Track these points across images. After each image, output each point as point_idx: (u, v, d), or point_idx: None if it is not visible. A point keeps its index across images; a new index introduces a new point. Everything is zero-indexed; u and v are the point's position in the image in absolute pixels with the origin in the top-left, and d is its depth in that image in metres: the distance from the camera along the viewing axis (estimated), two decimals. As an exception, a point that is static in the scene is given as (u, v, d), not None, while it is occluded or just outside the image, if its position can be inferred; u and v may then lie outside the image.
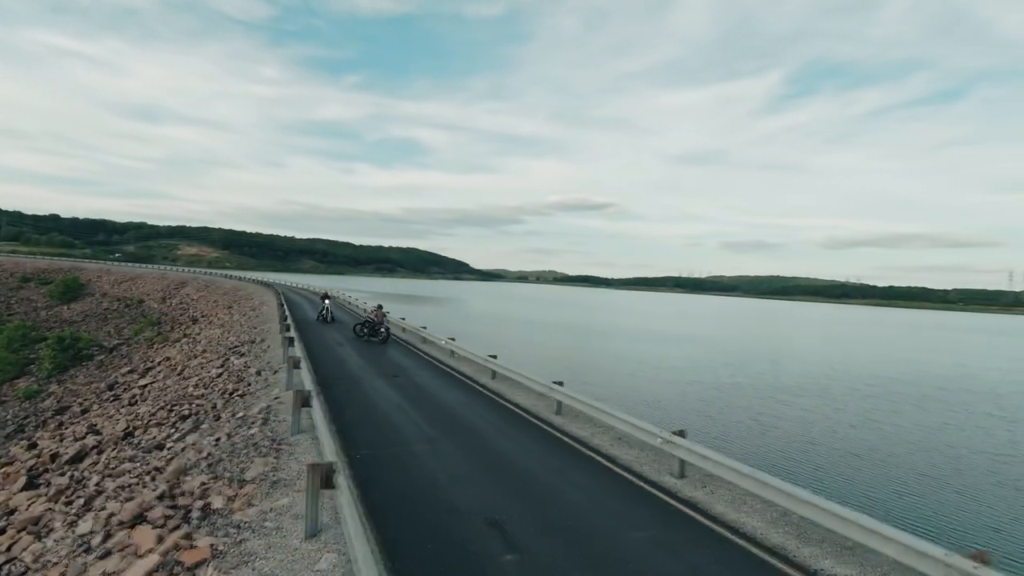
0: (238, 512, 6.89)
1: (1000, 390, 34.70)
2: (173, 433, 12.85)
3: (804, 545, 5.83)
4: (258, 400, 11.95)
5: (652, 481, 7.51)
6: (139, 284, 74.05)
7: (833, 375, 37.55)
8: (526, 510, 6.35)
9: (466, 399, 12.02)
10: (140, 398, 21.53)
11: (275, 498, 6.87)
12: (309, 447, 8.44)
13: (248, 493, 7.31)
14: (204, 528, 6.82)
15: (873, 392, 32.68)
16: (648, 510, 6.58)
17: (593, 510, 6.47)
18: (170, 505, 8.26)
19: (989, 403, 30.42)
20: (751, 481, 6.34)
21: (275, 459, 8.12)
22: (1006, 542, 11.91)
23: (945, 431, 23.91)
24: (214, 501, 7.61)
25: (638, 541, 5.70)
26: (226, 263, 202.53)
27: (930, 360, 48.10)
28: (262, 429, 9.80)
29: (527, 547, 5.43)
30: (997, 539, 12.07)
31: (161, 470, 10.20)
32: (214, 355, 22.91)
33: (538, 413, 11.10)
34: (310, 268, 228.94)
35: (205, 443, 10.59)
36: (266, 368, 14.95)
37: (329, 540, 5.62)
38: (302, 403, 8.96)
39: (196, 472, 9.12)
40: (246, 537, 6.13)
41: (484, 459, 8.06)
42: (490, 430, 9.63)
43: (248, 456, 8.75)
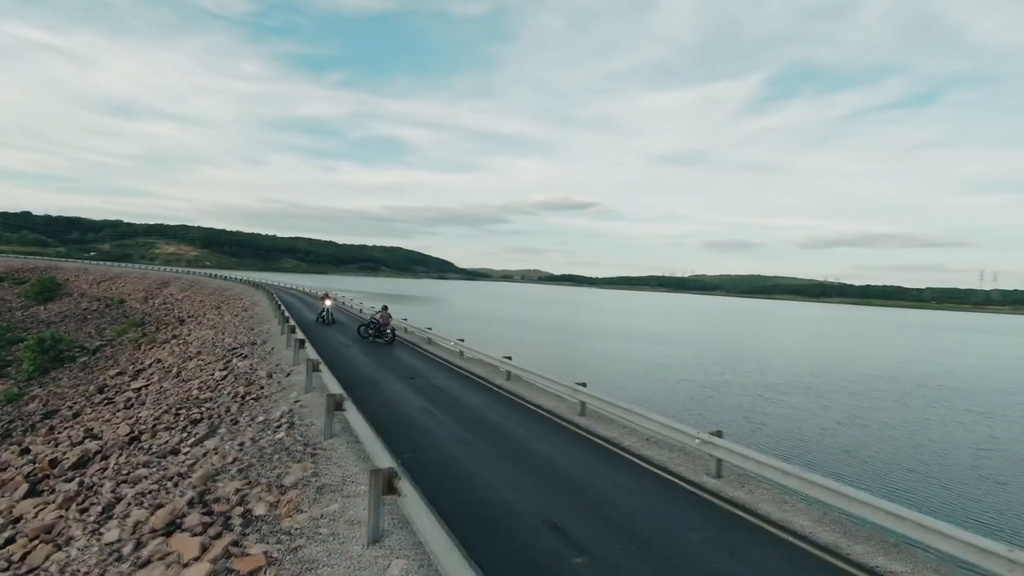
0: (286, 519, 6.83)
1: (976, 387, 35.82)
2: (187, 438, 12.65)
3: (854, 543, 6.00)
4: (276, 404, 11.81)
5: (692, 481, 7.64)
6: (119, 284, 72.39)
7: (817, 373, 38.35)
8: (579, 512, 6.41)
9: (487, 401, 12.05)
10: (137, 401, 21.10)
11: (324, 504, 6.83)
12: (346, 451, 8.40)
13: (292, 499, 7.25)
14: (252, 535, 6.75)
15: (857, 390, 33.49)
16: (697, 510, 6.70)
17: (644, 511, 6.57)
18: (205, 512, 8.14)
19: (966, 399, 31.41)
20: (797, 480, 6.50)
21: (313, 464, 8.05)
22: (995, 536, 12.35)
23: (928, 427, 24.64)
24: (255, 507, 7.53)
25: (697, 542, 5.81)
26: (206, 262, 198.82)
27: (907, 358, 49.39)
28: (289, 433, 9.71)
29: (593, 549, 5.50)
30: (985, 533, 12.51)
31: (185, 476, 10.05)
32: (212, 357, 22.55)
33: (561, 414, 11.19)
34: (292, 267, 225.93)
35: (228, 448, 10.45)
36: (276, 371, 14.77)
37: (394, 545, 5.62)
38: (335, 407, 8.89)
39: (226, 478, 9.01)
40: (301, 544, 6.09)
41: (523, 461, 8.11)
42: (520, 432, 9.68)
43: (281, 461, 8.67)
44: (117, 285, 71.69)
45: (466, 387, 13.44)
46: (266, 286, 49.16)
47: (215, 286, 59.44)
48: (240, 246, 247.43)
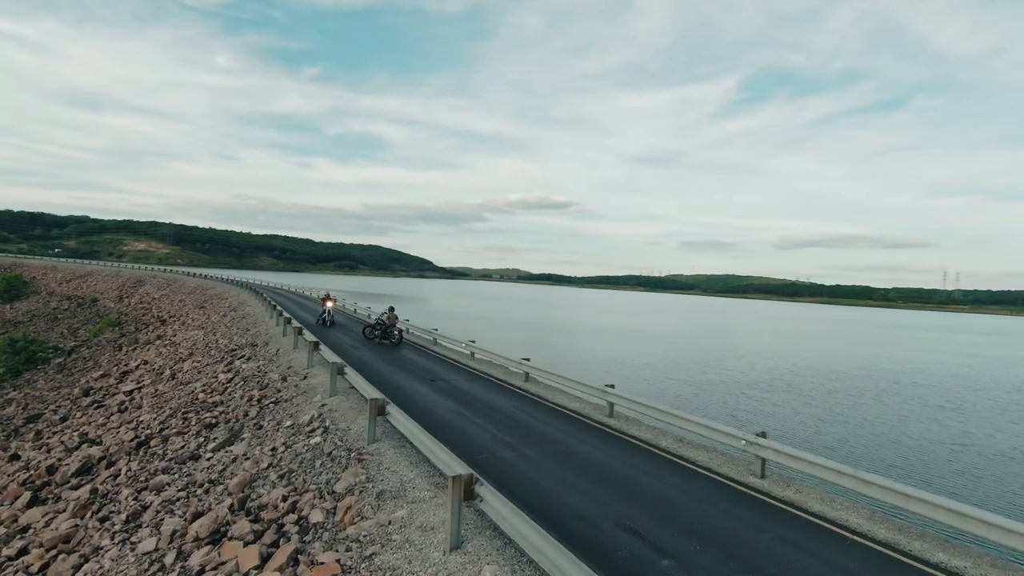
0: (350, 526, 6.79)
1: (946, 384, 37.30)
2: (204, 443, 12.41)
3: (911, 539, 6.27)
4: (301, 408, 11.66)
5: (740, 482, 7.85)
6: (90, 282, 70.07)
7: (796, 371, 39.39)
8: (645, 514, 6.54)
9: (515, 403, 12.12)
10: (132, 405, 20.52)
11: (388, 510, 6.80)
12: (395, 456, 8.36)
13: (350, 505, 7.20)
14: (315, 543, 6.70)
15: (835, 387, 34.55)
16: (756, 510, 6.90)
17: (706, 512, 6.74)
18: (253, 519, 8.04)
19: (938, 396, 32.70)
20: (852, 480, 6.75)
21: (363, 469, 8.00)
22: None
23: (905, 423, 25.59)
24: (311, 515, 7.47)
25: (769, 541, 6.00)
26: (177, 260, 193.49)
27: (880, 356, 51.03)
28: (326, 438, 9.61)
29: (674, 551, 5.63)
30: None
31: (217, 482, 9.87)
32: (209, 359, 22.06)
33: (589, 415, 11.32)
34: (267, 265, 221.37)
35: (258, 453, 10.29)
36: (290, 374, 14.56)
37: (477, 551, 5.65)
38: (378, 412, 8.85)
39: (266, 484, 8.89)
40: (375, 552, 6.07)
41: (573, 464, 8.21)
42: (558, 434, 9.78)
43: (326, 467, 8.59)
44: (88, 283, 69.37)
45: (488, 389, 13.48)
46: (251, 285, 48.15)
47: (194, 285, 58.00)
48: (213, 243, 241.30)
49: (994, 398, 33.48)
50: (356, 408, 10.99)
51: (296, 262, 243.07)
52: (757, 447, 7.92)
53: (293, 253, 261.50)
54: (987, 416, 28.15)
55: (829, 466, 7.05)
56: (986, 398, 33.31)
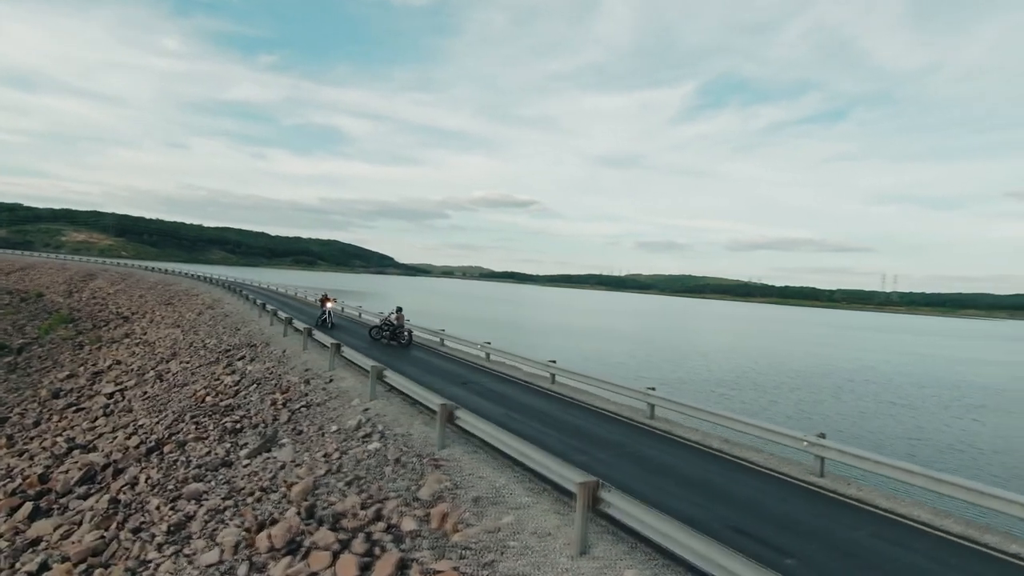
0: (455, 534, 6.79)
1: (895, 381, 39.76)
2: (233, 448, 12.00)
3: (982, 533, 6.83)
4: (342, 412, 11.45)
5: (806, 481, 8.30)
6: (33, 275, 65.72)
7: (759, 370, 41.07)
8: (742, 515, 6.84)
9: (554, 405, 12.28)
10: (119, 408, 19.51)
11: (493, 516, 6.85)
12: (474, 461, 8.38)
13: (445, 512, 7.19)
14: (420, 551, 6.68)
15: (797, 385, 36.31)
16: (835, 509, 7.33)
17: (795, 510, 7.13)
18: (333, 528, 7.89)
19: (890, 393, 34.84)
20: (922, 478, 7.28)
21: (446, 475, 7.98)
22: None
23: (864, 419, 27.23)
24: (402, 523, 7.42)
25: (867, 539, 6.41)
26: (121, 252, 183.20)
27: (833, 355, 53.80)
28: (386, 444, 9.51)
29: (790, 550, 5.94)
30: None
31: (268, 490, 9.60)
32: (200, 360, 21.19)
33: (631, 417, 11.63)
34: (220, 259, 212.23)
35: (308, 460, 10.06)
36: (313, 377, 14.22)
37: (607, 556, 5.79)
38: (448, 417, 8.84)
39: (334, 492, 8.72)
40: (494, 559, 6.13)
41: (648, 468, 8.45)
42: (616, 437, 10.02)
43: (398, 473, 8.51)
44: (31, 276, 65.02)
45: (521, 391, 13.59)
46: (222, 282, 46.27)
47: (154, 279, 55.31)
48: (161, 235, 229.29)
49: (937, 394, 35.82)
50: (405, 412, 10.90)
51: (251, 256, 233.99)
52: (820, 448, 8.39)
53: (248, 247, 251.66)
54: (934, 411, 30.13)
55: (898, 465, 7.57)
56: (930, 395, 35.63)
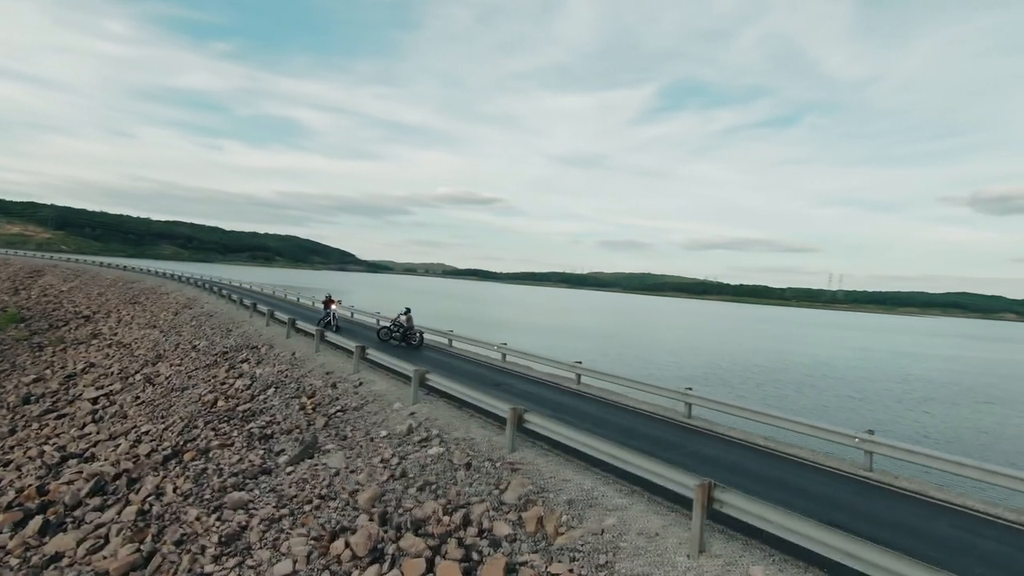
0: (559, 536, 6.90)
1: (849, 376, 41.82)
2: (268, 455, 11.68)
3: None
4: (386, 417, 11.31)
5: (861, 475, 8.80)
6: (-29, 271, 61.20)
7: (724, 366, 42.37)
8: (825, 508, 7.18)
9: (593, 406, 12.50)
10: (110, 414, 18.56)
11: (594, 519, 6.99)
12: (552, 463, 8.49)
13: (541, 516, 7.28)
14: (525, 555, 6.77)
15: (762, 380, 37.79)
16: (898, 501, 7.82)
17: (873, 505, 7.57)
18: (416, 533, 7.86)
19: (845, 387, 36.63)
20: (975, 471, 7.89)
21: (528, 479, 8.07)
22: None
23: (827, 413, 28.64)
24: (495, 527, 7.48)
25: (947, 529, 6.92)
26: (62, 245, 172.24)
27: (790, 351, 56.11)
28: (448, 448, 9.49)
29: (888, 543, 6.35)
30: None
31: (328, 497, 9.43)
32: (193, 363, 20.36)
33: (671, 417, 12.00)
34: (171, 254, 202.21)
35: (364, 466, 9.93)
36: (339, 380, 13.93)
37: (727, 553, 6.03)
38: (518, 421, 8.92)
39: (406, 498, 8.65)
40: (609, 560, 6.28)
41: (715, 465, 8.77)
42: (670, 436, 10.33)
43: (472, 477, 8.52)
44: (-31, 273, 60.53)
45: (554, 392, 13.76)
46: (193, 280, 44.32)
47: (112, 276, 52.52)
48: (105, 228, 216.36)
49: (889, 388, 37.83)
50: (457, 416, 10.88)
51: (204, 252, 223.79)
52: (870, 443, 8.95)
53: (200, 242, 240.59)
54: (888, 405, 31.83)
55: (948, 458, 8.17)
56: (883, 389, 37.64)
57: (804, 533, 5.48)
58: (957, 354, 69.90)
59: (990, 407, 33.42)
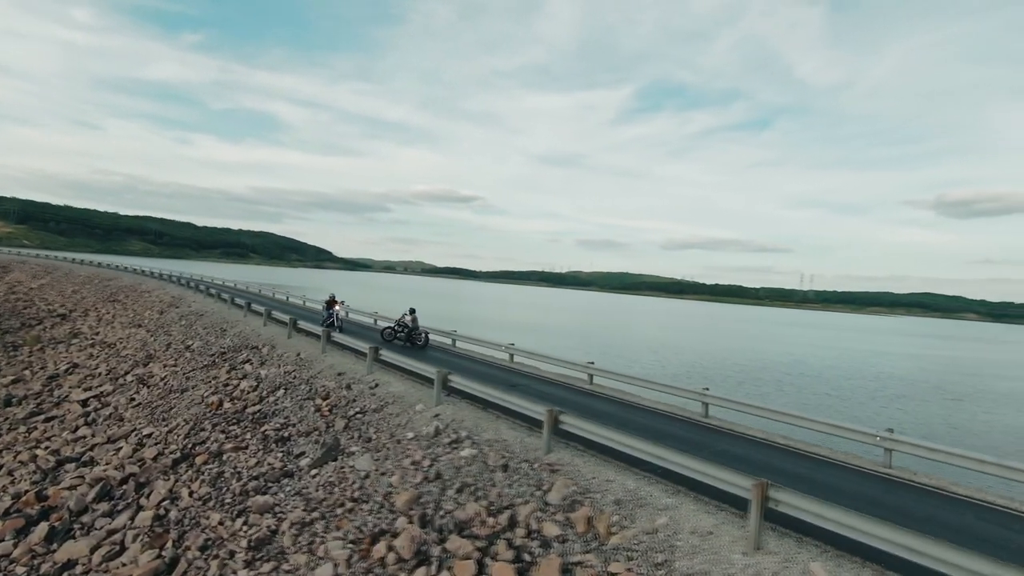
0: (612, 536, 7.02)
1: (825, 374, 42.93)
2: (287, 457, 11.55)
3: (1050, 512, 7.91)
4: (410, 419, 11.27)
5: (883, 472, 9.15)
6: (-69, 266, 58.66)
7: (706, 364, 43.13)
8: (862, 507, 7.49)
9: (612, 407, 12.66)
10: (105, 416, 18.01)
11: (645, 519, 7.12)
12: (590, 463, 8.59)
13: (589, 516, 7.39)
14: (578, 555, 6.87)
15: (743, 379, 38.60)
16: (926, 497, 8.18)
17: (903, 501, 7.89)
18: (465, 535, 7.89)
19: (823, 385, 37.63)
20: (994, 467, 8.29)
21: (569, 479, 8.17)
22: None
23: (807, 411, 29.53)
24: (543, 528, 7.55)
25: (976, 522, 7.26)
26: (24, 240, 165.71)
27: (767, 350, 57.42)
28: (481, 450, 9.52)
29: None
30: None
31: (361, 500, 9.38)
32: (188, 364, 19.91)
33: (690, 417, 12.25)
34: (140, 250, 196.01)
35: (392, 468, 9.89)
36: (353, 381, 13.79)
37: (782, 550, 6.22)
38: (554, 422, 9.02)
39: (445, 500, 8.65)
40: (666, 559, 6.42)
41: (749, 465, 9.01)
42: (695, 438, 10.52)
43: (512, 479, 8.58)
44: (-71, 268, 57.95)
45: (568, 392, 13.88)
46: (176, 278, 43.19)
47: (86, 273, 50.87)
48: (70, 223, 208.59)
49: (863, 386, 38.98)
50: (483, 417, 10.91)
51: (175, 248, 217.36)
52: (891, 441, 9.31)
53: (172, 237, 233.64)
54: (863, 402, 32.79)
55: (969, 455, 8.55)
56: (857, 386, 38.80)
57: (863, 529, 5.70)
58: (923, 353, 72.61)
59: (958, 404, 34.75)
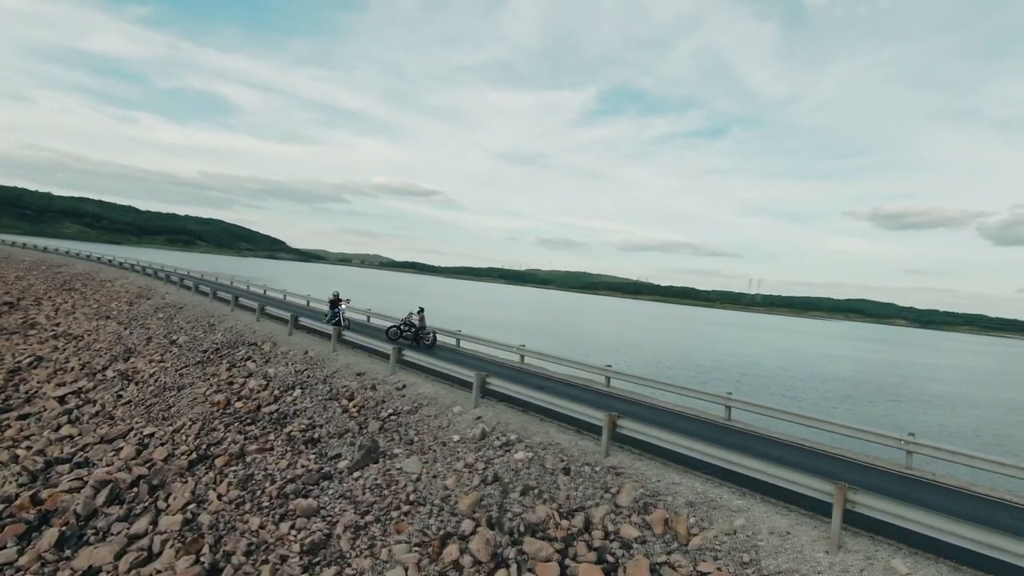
0: (693, 538, 7.34)
1: (778, 376, 45.06)
2: (321, 459, 11.33)
3: (1059, 509, 8.80)
4: (449, 420, 11.25)
5: (907, 473, 9.92)
6: None
7: (667, 364, 44.52)
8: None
9: (637, 409, 13.06)
10: (91, 415, 16.99)
11: (722, 520, 7.46)
12: (650, 466, 8.87)
13: (666, 518, 7.68)
14: (666, 556, 7.16)
15: (704, 379, 40.05)
16: (955, 496, 8.92)
17: (936, 501, 8.58)
18: (540, 537, 8.02)
19: (777, 385, 39.52)
20: (1013, 468, 9.14)
21: (636, 482, 8.44)
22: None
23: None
24: (621, 530, 7.80)
25: (1011, 521, 7.99)
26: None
27: (723, 351, 59.71)
28: (536, 453, 9.66)
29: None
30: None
31: (418, 503, 9.35)
32: (180, 360, 19.07)
33: (714, 420, 12.80)
34: (75, 233, 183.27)
35: (446, 470, 9.90)
36: (377, 382, 13.58)
37: (862, 549, 6.67)
38: (612, 426, 9.28)
39: (510, 502, 8.75)
40: (752, 558, 6.80)
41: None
42: (726, 439, 11.06)
43: (575, 482, 8.76)
44: None
45: (589, 395, 14.17)
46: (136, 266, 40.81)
47: (31, 259, 47.48)
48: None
49: (814, 387, 41.08)
50: (526, 419, 11.03)
51: (114, 232, 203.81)
52: (913, 444, 10.09)
53: (111, 221, 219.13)
54: (815, 402, 34.57)
55: (988, 458, 9.38)
56: (808, 387, 40.88)
57: (944, 528, 6.24)
58: (863, 356, 77.37)
59: (898, 404, 37.34)
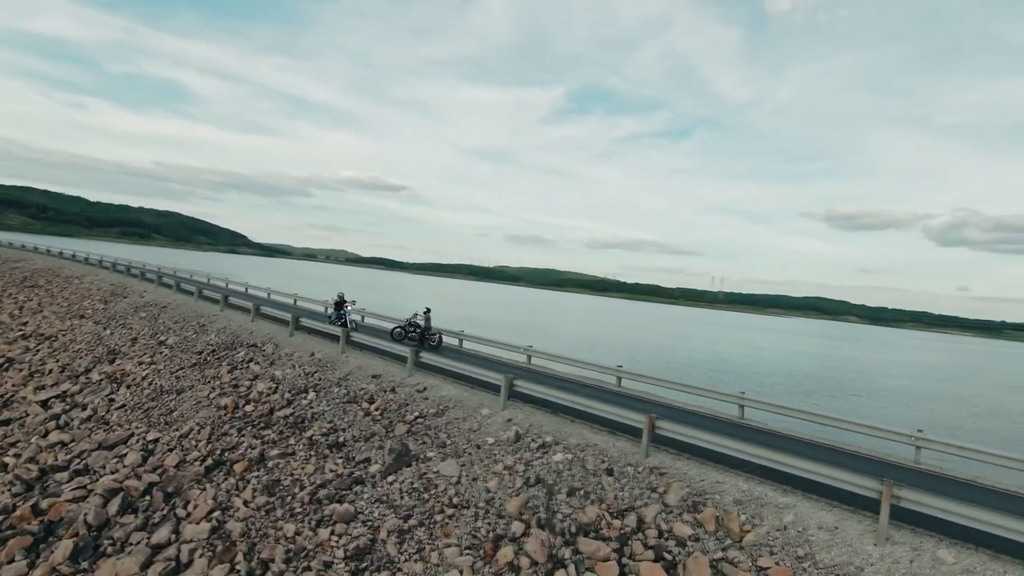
0: (746, 535, 7.66)
1: (747, 372, 46.33)
2: (349, 464, 11.24)
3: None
4: (479, 423, 11.31)
5: (918, 467, 10.56)
6: None
7: (642, 360, 45.34)
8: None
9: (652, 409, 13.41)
10: (81, 419, 16.27)
11: (772, 517, 7.80)
12: (691, 466, 9.17)
13: (716, 515, 7.99)
14: (722, 552, 7.46)
15: (678, 376, 41.24)
16: (969, 489, 9.59)
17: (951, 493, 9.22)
18: (594, 537, 8.20)
19: (747, 382, 40.50)
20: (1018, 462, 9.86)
21: (684, 483, 8.71)
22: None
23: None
24: (674, 528, 8.06)
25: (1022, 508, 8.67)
26: None
27: (694, 348, 61.37)
28: (575, 455, 9.83)
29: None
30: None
31: (461, 506, 9.42)
32: (173, 363, 18.44)
33: (729, 419, 13.27)
34: (19, 224, 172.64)
35: (485, 473, 9.98)
36: (397, 385, 13.48)
37: (908, 541, 7.11)
38: (652, 427, 9.54)
39: (556, 503, 8.89)
40: (807, 552, 7.17)
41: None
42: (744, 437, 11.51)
43: (619, 482, 8.98)
44: None
45: (608, 393, 14.47)
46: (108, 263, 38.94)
47: (-19, 253, 44.68)
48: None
49: (781, 382, 42.53)
50: (558, 421, 11.18)
51: (62, 224, 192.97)
52: (923, 440, 10.75)
53: (58, 212, 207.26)
54: (784, 397, 35.50)
55: (995, 452, 10.06)
56: (776, 383, 42.33)
57: (989, 521, 6.73)
58: (822, 352, 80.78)
59: (858, 398, 39.23)
